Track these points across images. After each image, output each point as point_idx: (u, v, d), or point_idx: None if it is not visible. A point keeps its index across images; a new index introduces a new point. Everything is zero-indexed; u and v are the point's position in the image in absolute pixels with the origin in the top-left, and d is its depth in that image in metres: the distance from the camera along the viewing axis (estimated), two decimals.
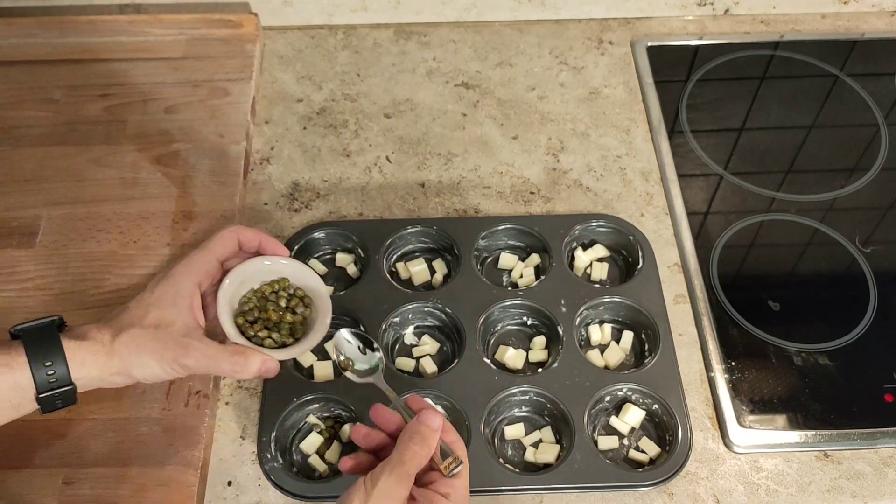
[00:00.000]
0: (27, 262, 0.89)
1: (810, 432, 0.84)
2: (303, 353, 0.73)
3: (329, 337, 0.76)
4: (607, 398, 0.85)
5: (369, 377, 0.74)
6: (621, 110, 1.09)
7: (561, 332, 0.87)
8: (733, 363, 0.88)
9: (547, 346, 0.89)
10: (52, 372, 0.65)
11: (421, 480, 0.65)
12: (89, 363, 0.66)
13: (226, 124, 1.02)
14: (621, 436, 0.84)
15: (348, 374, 0.74)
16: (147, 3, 1.14)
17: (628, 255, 0.96)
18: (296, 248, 0.93)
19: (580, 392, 0.84)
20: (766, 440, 0.83)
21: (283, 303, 0.74)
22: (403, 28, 1.18)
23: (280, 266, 0.75)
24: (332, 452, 0.82)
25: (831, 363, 0.88)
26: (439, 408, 0.81)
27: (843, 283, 0.96)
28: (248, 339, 0.72)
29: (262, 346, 0.72)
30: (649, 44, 1.16)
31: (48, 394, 0.65)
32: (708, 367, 0.88)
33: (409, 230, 0.95)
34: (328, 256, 0.96)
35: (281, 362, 0.71)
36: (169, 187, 0.96)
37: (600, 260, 0.96)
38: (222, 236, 0.73)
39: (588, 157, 1.05)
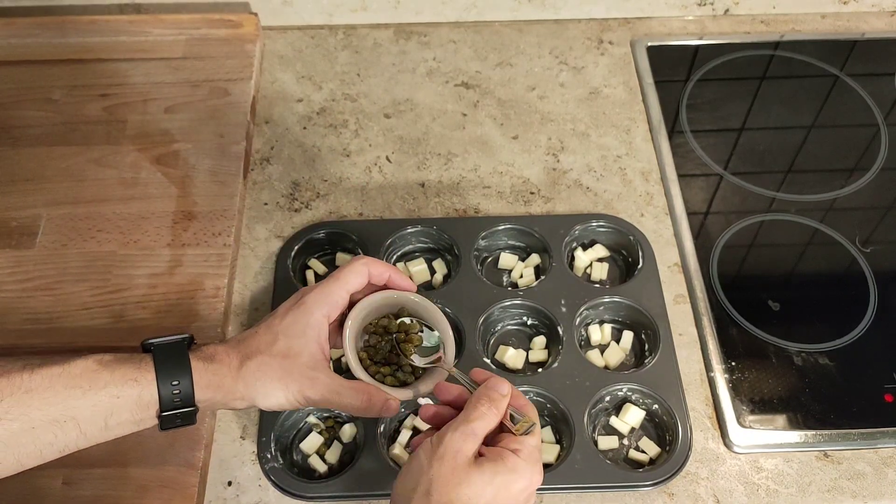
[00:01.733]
0: (27, 262, 0.89)
1: (810, 432, 0.84)
2: (425, 393, 0.72)
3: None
4: (607, 398, 0.85)
5: (434, 355, 0.72)
6: (621, 110, 1.09)
7: (561, 332, 0.87)
8: (733, 363, 0.88)
9: (547, 347, 0.89)
10: (178, 392, 0.64)
11: (493, 442, 0.64)
12: (214, 386, 0.66)
13: (226, 124, 1.02)
14: (621, 436, 0.84)
15: (413, 357, 0.72)
16: (147, 3, 1.14)
17: (628, 255, 0.96)
18: (296, 248, 0.93)
19: (580, 392, 0.84)
20: (767, 440, 0.83)
21: (408, 341, 0.73)
22: (403, 28, 1.18)
23: (407, 302, 0.75)
24: (332, 452, 0.82)
25: (831, 363, 0.89)
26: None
27: (843, 283, 0.96)
28: (371, 375, 0.71)
29: (383, 382, 0.71)
30: (649, 44, 1.16)
31: (171, 413, 0.65)
32: (708, 367, 0.88)
33: (409, 230, 0.95)
34: (328, 256, 0.96)
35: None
36: (169, 187, 0.96)
37: (600, 260, 0.96)
38: (354, 269, 0.72)
39: (588, 157, 1.05)
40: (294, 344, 0.68)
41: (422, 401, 0.80)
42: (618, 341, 0.90)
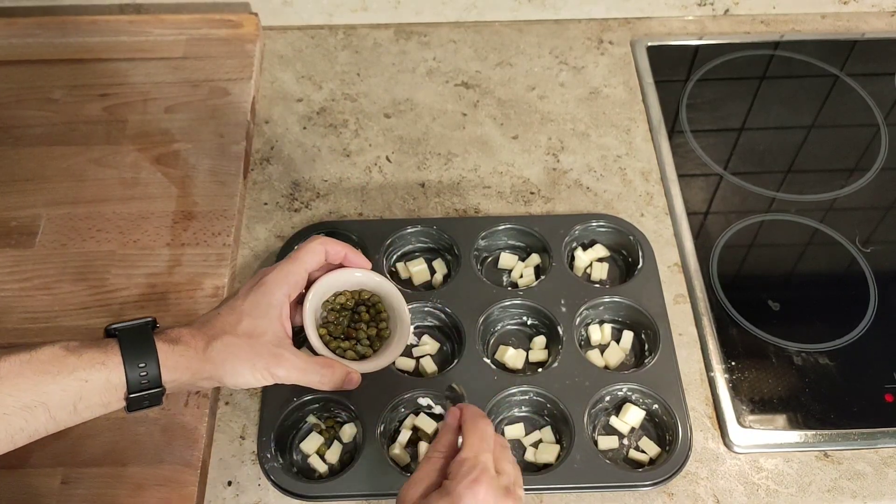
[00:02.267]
0: (27, 262, 0.89)
1: (810, 432, 0.84)
2: (384, 366, 0.75)
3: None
4: (607, 398, 0.85)
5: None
6: (621, 110, 1.09)
7: (561, 332, 0.87)
8: (733, 363, 0.88)
9: (547, 346, 0.89)
10: (145, 373, 0.65)
11: None
12: (182, 367, 0.67)
13: (226, 124, 1.02)
14: (621, 436, 0.84)
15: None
16: (147, 3, 1.14)
17: (628, 255, 0.96)
18: (296, 247, 0.93)
19: (580, 392, 0.84)
20: (766, 440, 0.83)
21: (364, 316, 0.77)
22: (403, 28, 1.18)
23: (362, 279, 0.78)
24: (332, 452, 0.82)
25: (831, 363, 0.88)
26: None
27: (843, 283, 0.96)
28: (332, 350, 0.74)
29: (343, 357, 0.74)
30: (649, 44, 1.16)
31: (138, 394, 0.66)
32: (708, 367, 0.88)
33: (409, 230, 0.95)
34: None
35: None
36: (169, 187, 0.96)
37: (600, 260, 0.96)
38: (312, 248, 0.75)
39: (588, 157, 1.05)
40: (258, 323, 0.70)
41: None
42: (618, 341, 0.90)
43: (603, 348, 0.89)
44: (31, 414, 0.62)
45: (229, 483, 0.80)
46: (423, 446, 0.82)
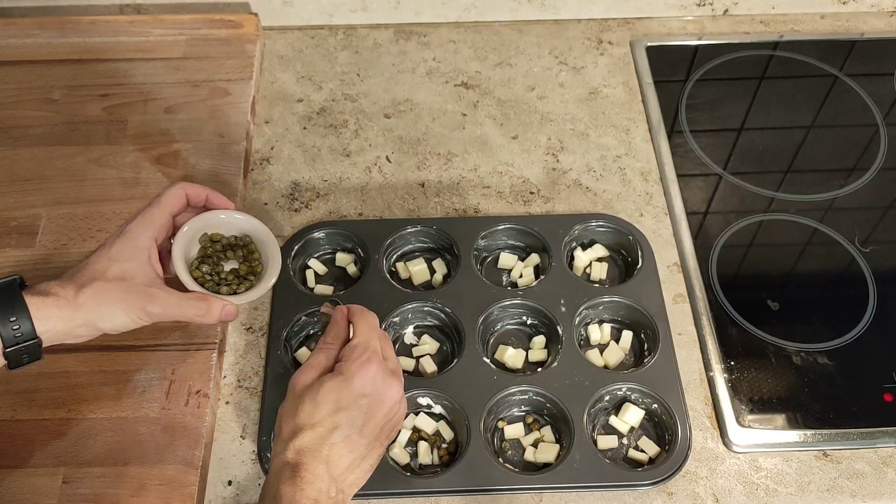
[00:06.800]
0: (27, 262, 0.89)
1: (809, 432, 0.84)
2: (255, 298, 0.79)
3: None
4: (607, 398, 0.85)
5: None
6: (621, 110, 1.09)
7: (560, 331, 0.88)
8: (732, 363, 0.88)
9: (546, 346, 0.89)
10: (17, 327, 0.67)
11: None
12: (54, 317, 0.69)
13: (226, 124, 1.02)
14: (621, 435, 0.84)
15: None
16: (147, 3, 1.14)
17: (628, 255, 0.96)
18: (295, 248, 0.93)
19: (579, 391, 0.84)
20: (766, 440, 0.83)
21: (234, 253, 0.80)
22: (403, 28, 1.18)
23: (229, 218, 0.81)
24: None
25: (830, 363, 0.89)
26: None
27: (843, 283, 0.96)
28: (206, 289, 0.77)
29: (217, 293, 0.77)
30: (649, 44, 1.16)
31: (14, 348, 0.68)
32: (707, 367, 0.88)
33: (409, 230, 0.95)
34: (328, 256, 0.96)
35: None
36: None
37: (600, 260, 0.96)
38: (171, 192, 0.77)
39: (587, 157, 1.05)
40: (128, 267, 0.73)
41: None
42: (617, 341, 0.90)
43: (602, 348, 0.90)
44: None
45: (229, 482, 0.80)
46: (422, 446, 0.82)
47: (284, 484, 0.65)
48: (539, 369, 0.86)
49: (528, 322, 0.91)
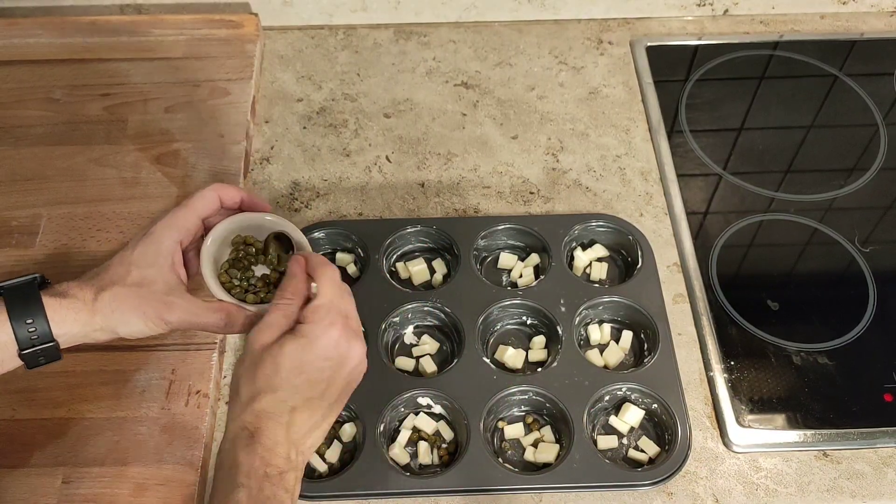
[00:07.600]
0: (27, 262, 0.89)
1: (809, 432, 0.84)
2: None
3: None
4: (606, 398, 0.85)
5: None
6: (621, 110, 1.10)
7: (560, 331, 0.88)
8: (732, 363, 0.88)
9: (546, 346, 0.89)
10: (34, 329, 0.66)
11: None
12: (70, 320, 0.67)
13: (226, 124, 1.02)
14: (621, 435, 0.84)
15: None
16: (148, 3, 1.14)
17: (628, 255, 0.96)
18: None
19: (579, 391, 0.84)
20: (766, 440, 0.83)
21: (265, 258, 0.76)
22: (403, 28, 1.18)
23: (262, 222, 0.76)
24: (332, 452, 0.82)
25: (830, 363, 0.89)
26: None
27: (843, 283, 0.96)
28: (232, 295, 0.73)
29: (244, 301, 0.73)
30: (649, 44, 1.16)
31: (31, 350, 0.66)
32: (707, 367, 0.88)
33: (409, 230, 0.95)
34: (328, 256, 0.96)
35: None
36: (169, 187, 0.96)
37: (600, 260, 0.96)
38: (203, 194, 0.74)
39: (587, 156, 1.05)
40: (147, 273, 0.70)
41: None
42: (617, 341, 0.90)
43: (602, 348, 0.90)
44: None
45: None
46: (422, 446, 0.82)
47: (242, 451, 0.62)
48: (539, 369, 0.86)
49: (528, 322, 0.91)
